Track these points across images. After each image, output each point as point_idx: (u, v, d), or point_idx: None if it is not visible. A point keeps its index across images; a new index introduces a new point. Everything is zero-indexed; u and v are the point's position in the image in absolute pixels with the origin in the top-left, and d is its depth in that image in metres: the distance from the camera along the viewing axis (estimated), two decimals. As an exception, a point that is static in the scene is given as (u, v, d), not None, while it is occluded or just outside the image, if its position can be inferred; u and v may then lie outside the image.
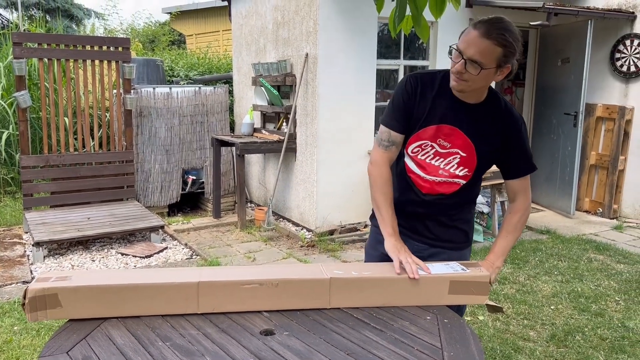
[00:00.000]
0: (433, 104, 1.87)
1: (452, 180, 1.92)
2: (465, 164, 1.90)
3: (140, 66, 6.49)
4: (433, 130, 1.88)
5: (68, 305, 1.65)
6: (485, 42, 1.68)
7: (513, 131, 1.88)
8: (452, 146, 1.88)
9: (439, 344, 1.57)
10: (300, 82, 5.32)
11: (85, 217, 5.07)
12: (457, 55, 1.74)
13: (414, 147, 1.93)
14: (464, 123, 1.86)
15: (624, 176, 6.14)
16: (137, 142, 5.89)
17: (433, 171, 1.92)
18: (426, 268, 1.83)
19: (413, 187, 1.97)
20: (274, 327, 1.67)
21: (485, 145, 1.88)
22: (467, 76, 1.73)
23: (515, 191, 1.96)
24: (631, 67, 5.95)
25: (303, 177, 5.52)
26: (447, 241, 2.04)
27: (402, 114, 1.90)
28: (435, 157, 1.91)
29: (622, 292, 3.93)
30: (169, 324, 1.69)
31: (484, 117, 1.87)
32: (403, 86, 1.91)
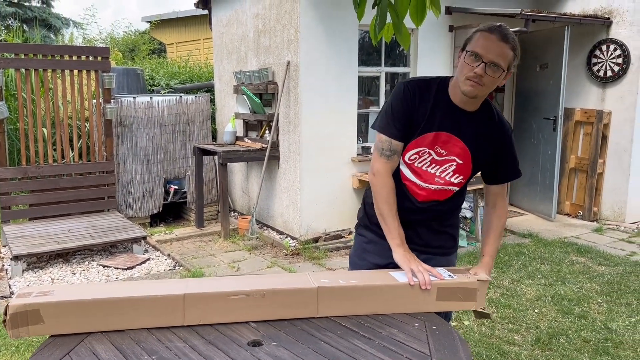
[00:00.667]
0: (431, 111, 1.88)
1: (447, 188, 1.94)
2: (460, 171, 1.91)
3: (120, 75, 6.42)
4: (431, 137, 1.89)
5: (50, 321, 1.62)
6: (503, 46, 1.74)
7: (505, 139, 1.93)
8: (449, 153, 1.90)
9: (427, 351, 1.57)
10: (282, 89, 5.32)
11: (65, 229, 4.99)
12: (474, 60, 1.75)
13: (412, 155, 1.93)
14: (462, 130, 1.88)
15: (603, 179, 6.25)
16: (117, 152, 5.82)
17: (429, 179, 1.93)
18: (438, 274, 1.85)
19: (408, 194, 1.97)
20: (262, 337, 1.66)
21: (481, 153, 1.90)
22: (486, 79, 1.75)
23: (497, 195, 2.01)
24: (608, 71, 6.07)
25: (287, 185, 5.50)
26: (437, 247, 2.05)
27: (402, 122, 1.89)
28: (432, 164, 1.92)
29: (604, 294, 3.98)
30: (154, 336, 1.66)
31: (480, 125, 1.89)
32: (401, 93, 1.90)
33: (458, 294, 1.81)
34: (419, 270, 1.83)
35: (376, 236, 2.05)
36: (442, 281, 1.81)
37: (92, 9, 21.22)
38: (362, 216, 2.14)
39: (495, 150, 1.92)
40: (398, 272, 1.87)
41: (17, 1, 17.50)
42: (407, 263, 1.86)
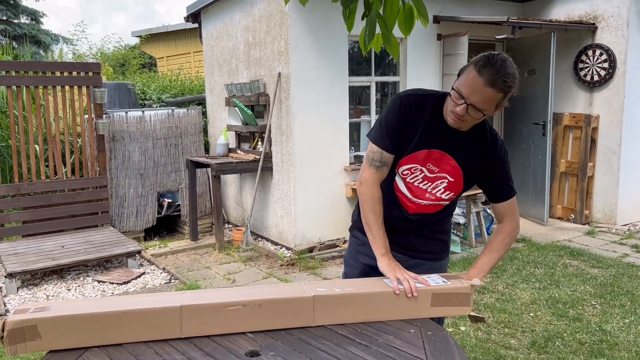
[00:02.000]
0: (425, 128, 1.88)
1: (437, 203, 1.97)
2: (451, 188, 1.93)
3: (111, 90, 6.44)
4: (424, 154, 1.90)
5: (48, 336, 1.62)
6: (489, 91, 1.69)
7: (499, 158, 1.92)
8: (440, 171, 1.91)
9: (423, 357, 1.58)
10: (273, 101, 5.35)
11: (60, 245, 4.97)
12: (458, 98, 1.75)
13: (404, 170, 1.95)
14: (454, 149, 1.89)
15: (594, 182, 6.31)
16: (110, 166, 5.82)
17: (420, 195, 1.95)
18: (424, 281, 1.86)
19: (399, 205, 2.00)
20: (259, 347, 1.66)
21: (473, 171, 1.91)
22: (468, 117, 1.77)
23: (503, 213, 1.99)
24: (594, 76, 6.15)
25: (280, 196, 5.52)
26: (428, 252, 2.08)
27: (395, 135, 1.90)
28: (424, 181, 1.94)
29: (598, 296, 4.02)
30: (152, 349, 1.66)
31: (474, 144, 1.90)
32: (397, 106, 1.90)
33: (453, 299, 1.83)
34: (404, 278, 1.84)
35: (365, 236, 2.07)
36: (437, 287, 1.83)
37: (82, 24, 21.23)
38: (357, 219, 2.15)
39: (489, 169, 1.92)
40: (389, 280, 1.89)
41: (5, 18, 17.51)
42: (392, 272, 1.87)
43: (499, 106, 1.77)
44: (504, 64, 1.72)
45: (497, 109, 1.77)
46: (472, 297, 1.87)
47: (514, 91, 1.74)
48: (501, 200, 1.96)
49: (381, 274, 1.95)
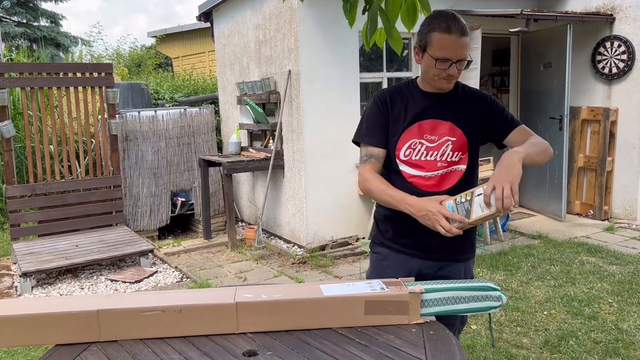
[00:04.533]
0: (406, 107, 1.95)
1: (453, 169, 1.94)
2: (458, 147, 1.93)
3: (124, 90, 6.49)
4: (416, 128, 1.94)
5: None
6: (464, 39, 1.82)
7: (486, 104, 1.97)
8: (440, 137, 1.93)
9: (423, 357, 1.54)
10: (284, 99, 5.33)
11: (74, 244, 5.02)
12: (444, 63, 1.83)
13: (405, 150, 1.95)
14: (441, 111, 1.93)
15: (613, 177, 6.17)
16: (124, 166, 5.87)
17: (432, 166, 1.93)
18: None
19: (418, 190, 1.92)
20: (257, 347, 1.64)
21: (468, 123, 1.93)
22: (457, 72, 1.86)
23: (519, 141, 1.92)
24: (613, 68, 6.01)
25: (292, 194, 5.50)
26: (456, 253, 2.01)
27: (376, 129, 1.96)
28: (429, 152, 1.93)
29: (615, 294, 3.92)
30: (150, 349, 1.66)
31: (458, 100, 1.96)
32: (374, 104, 1.99)
33: (388, 307, 1.73)
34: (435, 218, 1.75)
35: (392, 251, 2.04)
36: (371, 293, 1.74)
37: (98, 26, 21.50)
38: (375, 234, 2.11)
39: (483, 118, 1.95)
40: (329, 286, 1.81)
41: (25, 21, 17.81)
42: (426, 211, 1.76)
43: None
44: (452, 13, 1.86)
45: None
46: (418, 306, 1.74)
47: None
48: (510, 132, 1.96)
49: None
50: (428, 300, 1.81)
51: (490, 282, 1.85)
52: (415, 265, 2.00)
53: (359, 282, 1.88)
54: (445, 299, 1.83)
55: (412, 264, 2.01)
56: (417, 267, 2.01)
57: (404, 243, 2.00)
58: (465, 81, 5.86)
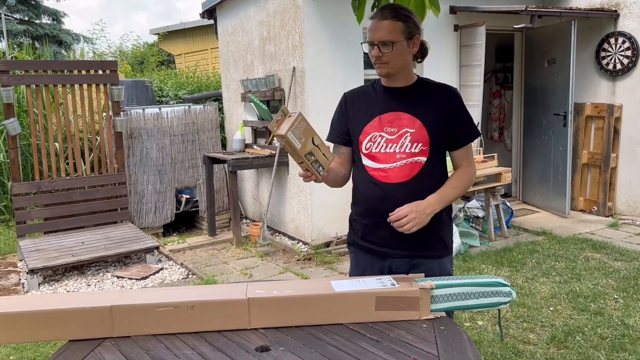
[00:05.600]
0: (369, 103, 2.03)
1: (413, 160, 1.95)
2: (417, 139, 1.94)
3: (129, 88, 6.49)
4: (376, 122, 1.99)
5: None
6: (386, 23, 1.89)
7: (452, 102, 1.99)
8: (399, 129, 1.96)
9: (435, 352, 1.56)
10: (288, 96, 5.34)
11: (80, 241, 5.04)
12: (369, 47, 1.94)
13: (366, 143, 2.00)
14: (403, 103, 1.97)
15: (617, 173, 6.17)
16: (129, 163, 5.88)
17: (391, 158, 1.96)
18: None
19: (379, 183, 1.98)
20: (270, 343, 1.66)
21: (429, 116, 1.95)
22: (386, 57, 1.90)
23: (460, 159, 2.04)
24: (617, 64, 6.00)
25: (296, 190, 5.51)
26: (424, 249, 2.01)
27: (339, 127, 2.10)
28: (388, 144, 1.97)
29: (620, 289, 3.92)
30: (163, 344, 1.67)
31: (420, 93, 1.99)
32: (338, 106, 2.14)
33: (399, 303, 1.75)
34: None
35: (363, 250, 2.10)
36: (382, 289, 1.75)
37: (101, 23, 21.52)
38: (349, 233, 2.19)
39: (446, 116, 1.96)
40: (339, 281, 1.83)
41: (27, 19, 17.81)
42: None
43: (412, 38, 1.92)
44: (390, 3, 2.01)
45: (411, 42, 1.93)
46: (429, 301, 1.76)
47: (415, 22, 1.93)
48: (461, 146, 2.02)
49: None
50: (438, 296, 1.82)
51: (500, 278, 1.86)
52: (386, 264, 2.04)
53: (369, 278, 1.89)
54: (455, 295, 1.84)
55: (383, 263, 2.04)
56: (388, 265, 2.03)
57: (372, 241, 2.05)
58: (469, 77, 5.90)
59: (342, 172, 2.10)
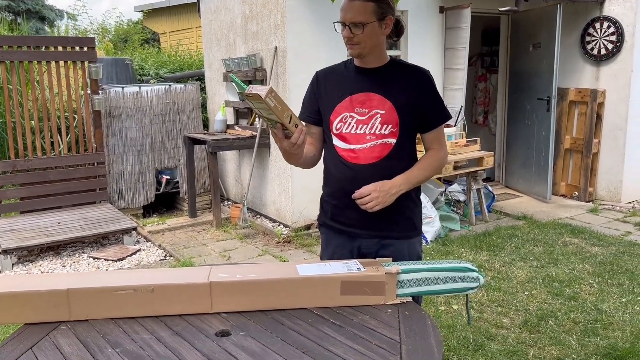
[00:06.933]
0: (340, 83, 1.99)
1: (382, 142, 1.93)
2: (387, 120, 1.92)
3: (108, 66, 6.36)
4: (347, 102, 1.96)
5: None
6: (355, 3, 1.84)
7: (424, 84, 1.96)
8: (370, 109, 1.93)
9: (397, 338, 1.54)
10: (270, 76, 5.25)
11: (56, 221, 4.96)
12: (341, 27, 1.90)
13: (337, 124, 1.98)
14: (374, 84, 1.94)
15: (598, 159, 6.19)
16: (107, 143, 5.78)
17: (361, 139, 1.94)
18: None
19: (348, 163, 1.96)
20: (231, 327, 1.63)
21: (400, 97, 1.92)
22: (357, 38, 1.86)
23: (430, 141, 2.02)
24: (602, 50, 5.98)
25: (278, 173, 5.46)
26: (393, 229, 2.00)
27: (308, 105, 2.06)
28: (358, 125, 1.94)
29: (596, 274, 3.95)
30: (121, 329, 1.63)
31: (392, 74, 1.96)
32: (309, 85, 2.08)
33: (365, 288, 1.73)
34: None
35: (333, 231, 2.09)
36: (347, 274, 1.73)
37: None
38: (319, 215, 2.18)
39: (418, 98, 1.94)
40: (305, 266, 1.80)
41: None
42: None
43: (385, 19, 1.88)
44: None
45: (384, 22, 1.88)
46: (394, 286, 1.74)
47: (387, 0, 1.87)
48: (432, 129, 2.00)
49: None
50: (405, 281, 1.80)
51: (468, 263, 1.84)
52: (356, 245, 2.03)
53: (335, 262, 1.86)
54: (422, 280, 1.81)
55: (353, 244, 2.04)
56: (358, 245, 2.03)
57: (341, 222, 2.04)
58: (453, 60, 5.84)
59: (313, 152, 2.06)
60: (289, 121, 1.70)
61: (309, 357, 1.44)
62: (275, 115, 1.65)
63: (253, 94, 1.60)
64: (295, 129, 1.73)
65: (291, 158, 1.91)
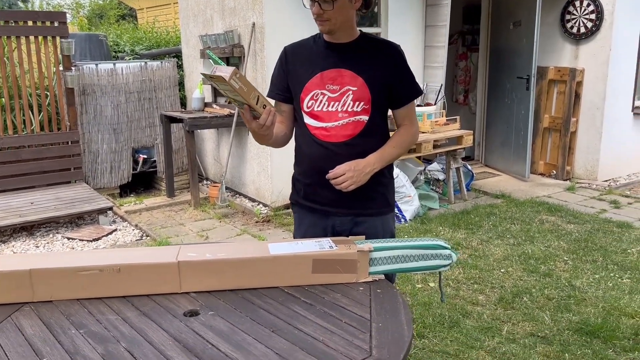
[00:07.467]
0: (310, 59, 1.94)
1: (355, 119, 1.90)
2: (359, 97, 1.89)
3: (82, 42, 6.19)
4: (318, 78, 1.90)
5: None
6: None
7: (395, 59, 1.92)
8: (341, 86, 1.89)
9: (368, 316, 1.52)
10: (248, 53, 5.15)
11: (29, 201, 4.86)
12: (310, 4, 1.85)
13: (308, 102, 1.93)
14: (345, 60, 1.89)
15: (576, 138, 6.23)
16: (82, 121, 5.65)
17: (333, 117, 1.90)
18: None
19: (321, 142, 1.93)
20: (200, 307, 1.60)
21: (371, 73, 1.89)
22: (327, 15, 1.81)
23: (402, 117, 1.99)
24: (581, 28, 5.98)
25: (257, 152, 5.40)
26: (367, 206, 1.99)
27: (277, 82, 2.00)
28: (330, 103, 1.90)
29: (570, 252, 4.00)
30: (86, 309, 1.59)
31: (362, 50, 1.91)
32: (277, 60, 2.02)
33: (337, 266, 1.71)
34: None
35: (306, 210, 2.06)
36: (319, 252, 1.71)
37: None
38: (292, 193, 2.15)
39: (389, 73, 1.90)
40: (276, 244, 1.78)
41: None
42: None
43: None
44: None
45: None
46: (367, 264, 1.72)
47: None
48: (403, 105, 1.97)
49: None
50: (377, 259, 1.78)
51: (441, 241, 1.83)
52: (329, 223, 2.01)
53: (307, 241, 1.84)
54: (394, 258, 1.80)
55: (327, 222, 2.01)
56: (332, 224, 2.01)
57: (315, 200, 2.01)
58: (434, 38, 5.79)
59: (284, 131, 2.02)
60: (256, 102, 1.65)
61: (277, 335, 1.42)
62: (241, 96, 1.61)
63: (217, 76, 1.55)
64: (263, 110, 1.68)
65: (261, 139, 1.86)
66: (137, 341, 1.41)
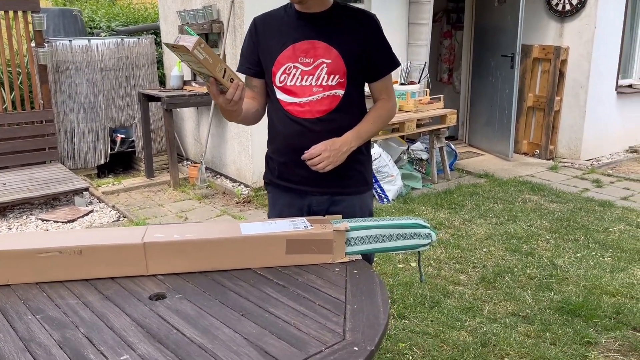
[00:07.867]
0: (281, 30, 1.83)
1: (330, 93, 1.81)
2: (334, 70, 1.80)
3: (55, 17, 5.97)
4: (290, 51, 1.80)
5: None
6: None
7: (371, 28, 1.83)
8: (315, 59, 1.79)
9: (343, 297, 1.46)
10: (227, 29, 5.01)
11: (1, 182, 4.70)
12: None
13: (280, 76, 1.83)
14: (318, 31, 1.79)
15: (560, 117, 6.20)
16: (56, 99, 5.47)
17: (307, 92, 1.81)
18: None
19: (295, 118, 1.84)
20: (166, 290, 1.52)
21: (346, 45, 1.80)
22: None
23: (379, 91, 1.91)
24: (566, 5, 5.91)
25: (237, 131, 5.28)
26: (344, 185, 1.92)
27: (247, 56, 1.90)
28: (304, 77, 1.80)
29: (553, 230, 3.98)
30: (45, 294, 1.51)
31: (336, 20, 1.81)
32: (247, 33, 1.91)
33: (312, 246, 1.64)
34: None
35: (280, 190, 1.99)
36: (293, 232, 1.64)
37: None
38: (265, 172, 2.07)
39: (365, 43, 1.81)
40: (249, 224, 1.70)
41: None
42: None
43: None
44: None
45: None
46: (343, 244, 1.66)
47: None
48: (380, 77, 1.88)
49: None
50: (354, 239, 1.71)
51: (420, 219, 1.76)
52: (306, 202, 1.94)
53: (282, 220, 1.76)
54: (372, 237, 1.73)
55: (303, 201, 1.94)
56: (308, 203, 1.94)
57: (290, 180, 1.93)
58: (417, 15, 5.68)
59: (255, 107, 1.92)
60: (223, 75, 1.55)
61: (247, 319, 1.35)
62: (206, 69, 1.50)
63: (179, 46, 1.44)
64: (230, 84, 1.58)
65: (229, 115, 1.75)
66: (98, 327, 1.33)
